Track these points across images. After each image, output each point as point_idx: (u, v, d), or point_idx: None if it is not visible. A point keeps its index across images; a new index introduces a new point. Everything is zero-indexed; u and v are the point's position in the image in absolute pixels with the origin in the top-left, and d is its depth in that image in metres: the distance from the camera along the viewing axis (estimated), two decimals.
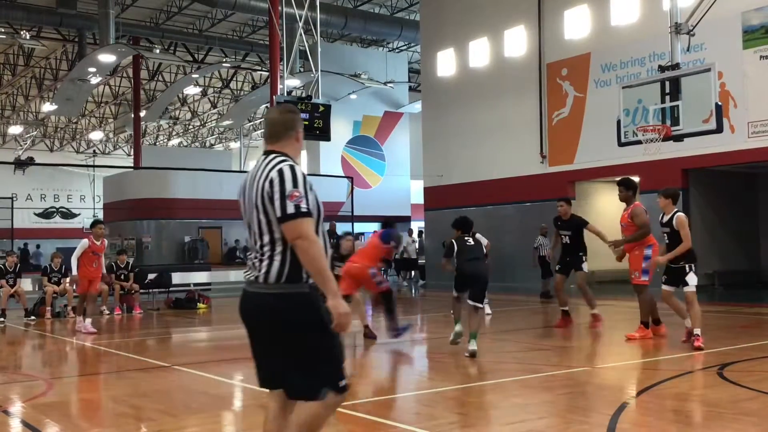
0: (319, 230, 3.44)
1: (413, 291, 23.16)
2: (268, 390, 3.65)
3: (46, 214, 46.39)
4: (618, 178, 10.78)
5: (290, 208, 3.31)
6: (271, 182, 3.37)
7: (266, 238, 3.41)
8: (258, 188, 3.43)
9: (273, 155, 3.52)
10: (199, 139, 51.64)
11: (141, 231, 29.51)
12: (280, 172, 3.38)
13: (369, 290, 10.56)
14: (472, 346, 8.36)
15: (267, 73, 28.46)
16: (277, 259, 3.38)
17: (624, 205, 10.23)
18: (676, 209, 9.13)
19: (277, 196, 3.34)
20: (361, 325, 10.38)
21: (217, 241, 29.38)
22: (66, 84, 29.11)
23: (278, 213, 3.33)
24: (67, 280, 15.51)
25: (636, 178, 19.23)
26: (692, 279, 8.96)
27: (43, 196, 46.54)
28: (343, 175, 29.83)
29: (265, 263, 3.40)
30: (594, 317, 11.17)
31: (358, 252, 10.51)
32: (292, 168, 3.41)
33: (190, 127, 48.19)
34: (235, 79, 39.19)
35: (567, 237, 11.28)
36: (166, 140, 51.16)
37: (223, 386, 7.52)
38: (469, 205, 23.38)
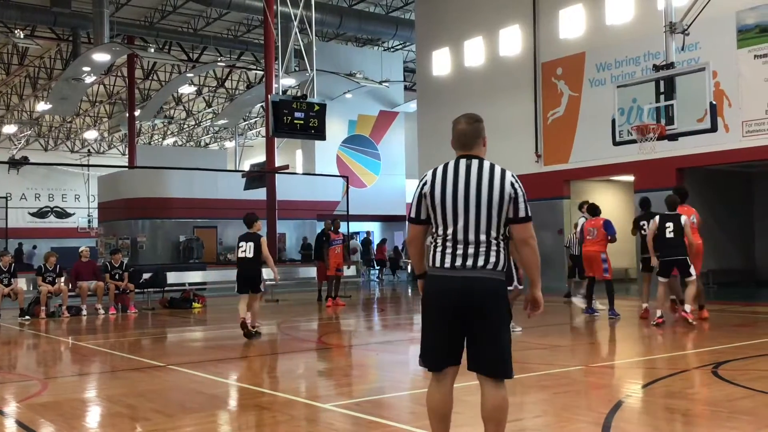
0: None
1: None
2: (438, 370, 4.06)
3: (40, 214, 46.30)
4: (613, 177, 11.01)
5: (529, 211, 3.97)
6: (513, 186, 3.92)
7: (494, 234, 3.91)
8: (492, 190, 3.89)
9: (482, 160, 4.01)
10: (194, 138, 51.57)
11: (136, 230, 29.50)
12: (516, 179, 3.97)
13: (595, 273, 12.22)
14: None
15: (262, 72, 28.45)
16: (503, 251, 3.96)
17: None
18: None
19: (521, 200, 3.94)
20: None
21: (212, 240, 29.38)
22: (60, 83, 29.05)
23: (521, 214, 3.93)
24: (62, 279, 15.49)
25: (630, 177, 19.34)
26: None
27: (37, 195, 46.44)
28: (338, 174, 29.84)
29: (493, 253, 3.90)
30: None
31: (588, 242, 12.33)
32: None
33: (185, 126, 48.13)
34: (230, 78, 39.15)
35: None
36: (160, 139, 51.10)
37: (218, 386, 7.51)
38: None
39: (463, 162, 3.99)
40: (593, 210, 12.68)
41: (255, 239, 10.96)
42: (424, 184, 4.00)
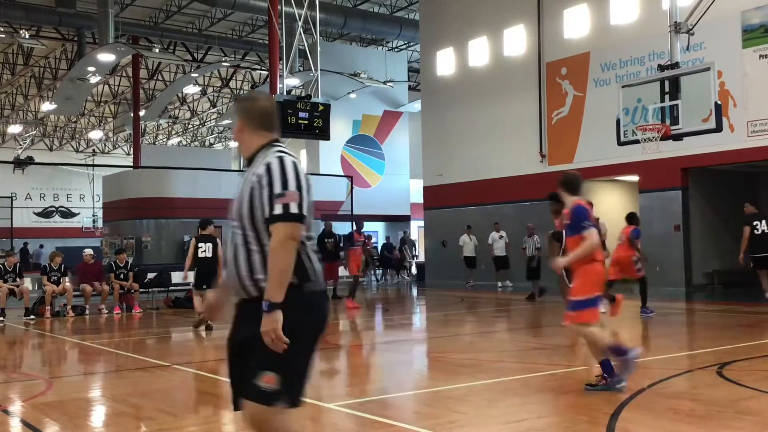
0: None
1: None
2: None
3: (45, 214, 46.39)
4: (617, 177, 10.98)
5: None
6: None
7: None
8: None
9: None
10: (199, 138, 51.63)
11: (140, 230, 29.50)
12: None
13: (630, 276, 12.47)
14: None
15: (266, 73, 28.45)
16: None
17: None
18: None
19: None
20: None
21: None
22: (65, 83, 29.09)
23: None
24: (66, 279, 15.52)
25: (635, 177, 19.30)
26: None
27: (42, 195, 46.53)
28: (342, 174, 29.84)
29: None
30: None
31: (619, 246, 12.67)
32: None
33: (190, 126, 48.19)
34: (234, 78, 39.18)
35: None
36: (165, 139, 51.16)
37: (222, 385, 7.51)
38: (469, 204, 23.38)
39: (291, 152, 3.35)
40: (631, 218, 13.01)
41: (212, 240, 12.30)
42: (305, 172, 3.27)
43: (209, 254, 12.16)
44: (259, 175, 3.18)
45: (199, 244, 12.22)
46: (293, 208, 3.12)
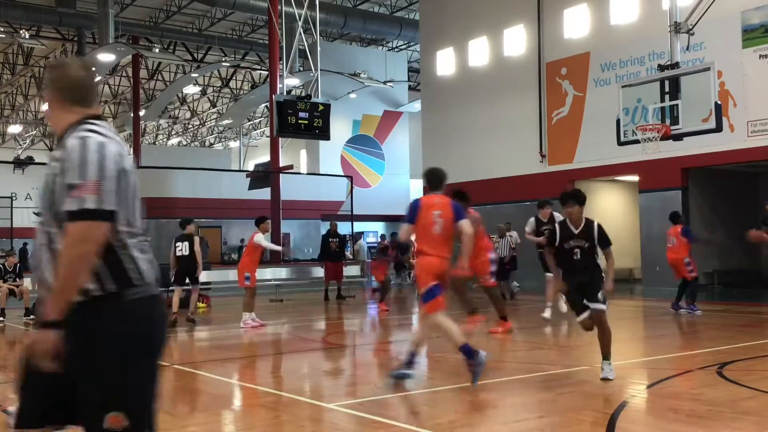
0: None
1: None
2: None
3: None
4: (617, 177, 10.88)
5: None
6: None
7: None
8: None
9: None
10: (199, 138, 51.64)
11: None
12: None
13: (681, 275, 12.75)
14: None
15: (266, 73, 28.47)
16: None
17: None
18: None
19: None
20: None
21: (216, 240, 29.39)
22: None
23: None
24: None
25: (635, 177, 19.31)
26: None
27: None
28: (342, 174, 29.85)
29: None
30: None
31: (669, 249, 12.87)
32: None
33: (190, 126, 48.19)
34: (234, 78, 39.20)
35: None
36: (165, 139, 51.17)
37: (223, 386, 7.52)
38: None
39: (112, 130, 2.76)
40: (674, 218, 13.06)
41: (189, 239, 12.75)
42: (120, 154, 2.64)
43: (186, 252, 12.70)
44: (59, 159, 2.59)
45: (177, 243, 12.78)
46: (89, 203, 2.47)
